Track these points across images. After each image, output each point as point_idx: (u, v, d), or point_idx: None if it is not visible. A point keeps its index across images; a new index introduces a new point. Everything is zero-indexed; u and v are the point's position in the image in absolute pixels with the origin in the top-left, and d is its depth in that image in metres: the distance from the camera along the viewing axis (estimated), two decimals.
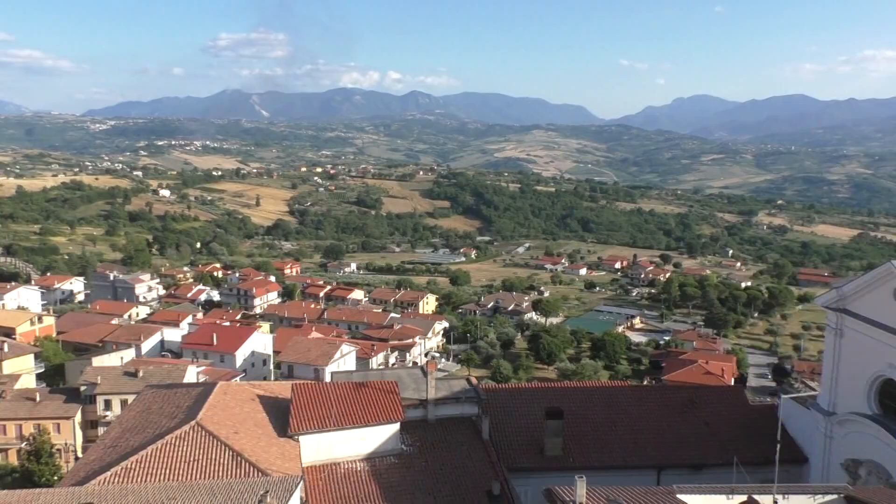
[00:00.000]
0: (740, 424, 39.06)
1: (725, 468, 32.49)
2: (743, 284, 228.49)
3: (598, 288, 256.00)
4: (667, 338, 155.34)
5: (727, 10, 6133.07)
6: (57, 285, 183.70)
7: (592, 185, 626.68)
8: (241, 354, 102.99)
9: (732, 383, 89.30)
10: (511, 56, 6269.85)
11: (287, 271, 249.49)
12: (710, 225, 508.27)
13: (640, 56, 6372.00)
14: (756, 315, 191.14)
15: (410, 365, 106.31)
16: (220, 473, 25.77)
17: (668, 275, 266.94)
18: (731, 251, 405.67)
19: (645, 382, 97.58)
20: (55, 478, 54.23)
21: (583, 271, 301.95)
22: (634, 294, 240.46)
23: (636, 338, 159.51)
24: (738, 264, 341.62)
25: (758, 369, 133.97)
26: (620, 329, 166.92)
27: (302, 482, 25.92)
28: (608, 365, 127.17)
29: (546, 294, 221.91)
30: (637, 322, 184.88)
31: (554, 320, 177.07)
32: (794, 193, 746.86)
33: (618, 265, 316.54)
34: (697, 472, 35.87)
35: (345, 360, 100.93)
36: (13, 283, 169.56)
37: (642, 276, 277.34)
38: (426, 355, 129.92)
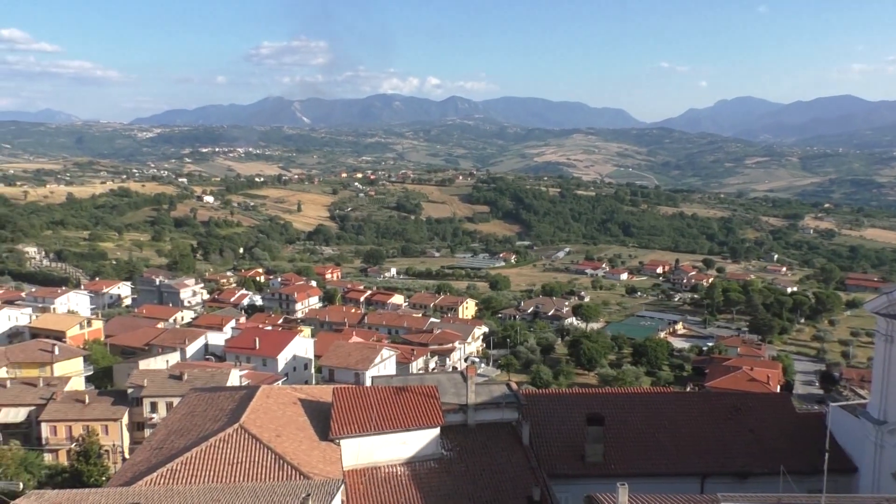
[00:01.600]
0: (787, 433, 38.22)
1: (771, 477, 31.84)
2: (789, 290, 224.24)
3: (639, 293, 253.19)
4: (710, 344, 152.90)
5: (770, 10, 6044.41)
6: (105, 290, 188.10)
7: (633, 189, 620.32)
8: (283, 358, 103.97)
9: (778, 391, 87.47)
10: (551, 60, 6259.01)
11: (328, 276, 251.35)
12: (755, 229, 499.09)
13: (682, 58, 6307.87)
14: (802, 321, 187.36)
15: (450, 370, 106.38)
16: (263, 476, 26.05)
17: (711, 280, 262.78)
18: (776, 256, 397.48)
19: (688, 389, 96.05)
20: (103, 478, 55.25)
21: (624, 276, 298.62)
22: (676, 299, 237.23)
23: (678, 343, 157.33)
24: (784, 269, 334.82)
25: (804, 376, 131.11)
26: (662, 335, 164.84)
27: (343, 485, 26.09)
28: (650, 371, 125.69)
29: (586, 299, 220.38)
30: (679, 327, 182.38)
31: (594, 325, 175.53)
32: (842, 196, 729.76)
33: (659, 270, 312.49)
34: (743, 480, 35.19)
35: (385, 364, 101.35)
36: (63, 288, 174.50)
37: (684, 280, 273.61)
38: (466, 360, 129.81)
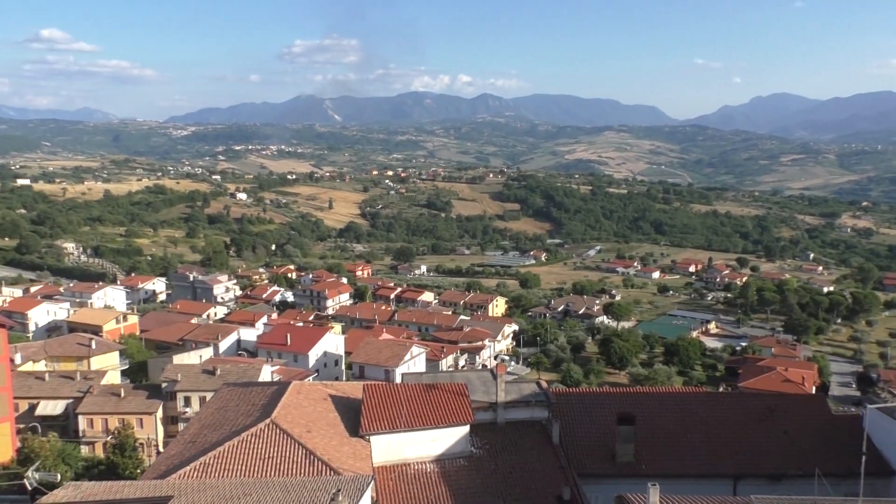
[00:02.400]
0: (822, 435, 37.56)
1: (806, 480, 31.35)
2: (825, 289, 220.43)
3: (671, 292, 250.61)
4: (743, 344, 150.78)
5: (807, 5, 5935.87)
6: (140, 285, 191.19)
7: (666, 187, 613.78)
8: (314, 355, 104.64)
9: (813, 392, 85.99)
10: (582, 57, 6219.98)
11: (358, 273, 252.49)
12: (790, 227, 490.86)
13: (716, 54, 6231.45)
14: (839, 321, 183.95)
15: (480, 367, 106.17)
16: (294, 471, 26.27)
17: (744, 279, 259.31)
18: (812, 255, 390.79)
19: (720, 389, 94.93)
20: (138, 471, 56.04)
21: (655, 275, 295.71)
22: (709, 298, 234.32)
23: (711, 343, 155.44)
24: (820, 268, 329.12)
25: (841, 378, 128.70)
26: (695, 334, 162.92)
27: (373, 482, 26.20)
28: (682, 371, 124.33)
29: (617, 297, 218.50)
30: (712, 327, 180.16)
31: (625, 324, 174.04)
32: (881, 194, 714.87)
33: (692, 268, 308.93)
34: (776, 483, 34.69)
35: (415, 361, 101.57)
36: (100, 283, 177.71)
37: (717, 279, 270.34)
38: (496, 358, 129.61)
